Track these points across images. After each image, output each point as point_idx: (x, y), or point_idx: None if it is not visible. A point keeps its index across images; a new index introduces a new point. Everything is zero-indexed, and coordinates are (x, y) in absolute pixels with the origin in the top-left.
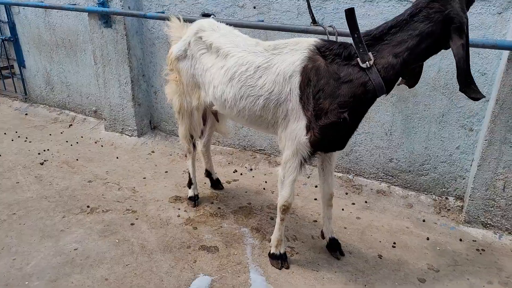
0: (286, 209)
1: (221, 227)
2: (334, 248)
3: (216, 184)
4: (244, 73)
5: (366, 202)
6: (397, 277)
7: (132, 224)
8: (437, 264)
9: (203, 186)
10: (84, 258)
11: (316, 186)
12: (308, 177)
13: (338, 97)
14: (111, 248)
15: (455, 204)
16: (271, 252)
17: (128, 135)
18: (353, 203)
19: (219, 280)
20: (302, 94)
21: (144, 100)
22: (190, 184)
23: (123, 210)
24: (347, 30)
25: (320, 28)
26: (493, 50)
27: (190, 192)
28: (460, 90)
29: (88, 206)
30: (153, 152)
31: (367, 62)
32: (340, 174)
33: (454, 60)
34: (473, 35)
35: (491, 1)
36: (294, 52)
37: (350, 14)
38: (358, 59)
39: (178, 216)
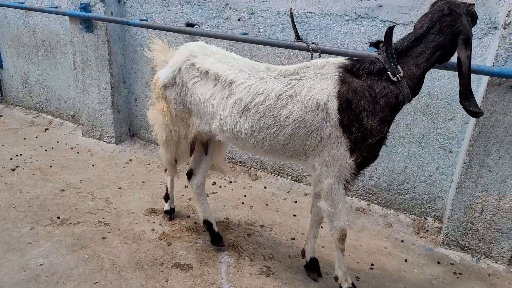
0: (345, 237)
1: (196, 243)
2: (313, 268)
3: (217, 239)
4: (262, 103)
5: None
6: None
7: (103, 238)
8: None
9: (180, 199)
10: (50, 275)
11: (295, 202)
12: (288, 192)
13: (378, 113)
14: (79, 264)
15: (434, 225)
16: (345, 287)
17: (105, 142)
18: None
19: None
20: (342, 118)
21: (124, 107)
22: (167, 198)
23: (95, 223)
24: (331, 47)
25: (304, 44)
26: (473, 74)
27: (166, 206)
28: (460, 103)
29: (58, 217)
30: (130, 160)
31: (397, 76)
32: None
33: (458, 71)
34: (454, 58)
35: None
36: (322, 76)
37: (389, 32)
38: (389, 73)
39: (153, 230)
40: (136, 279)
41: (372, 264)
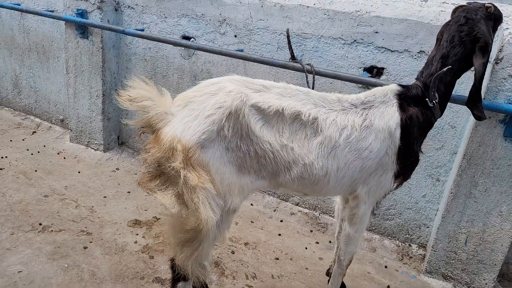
0: (351, 262)
1: None
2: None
3: None
4: (349, 137)
5: (330, 242)
6: None
7: (85, 247)
8: None
9: (165, 210)
10: (27, 283)
11: (281, 221)
12: (274, 211)
13: (420, 138)
14: (58, 273)
15: (418, 252)
16: None
17: (93, 148)
18: (317, 242)
19: None
20: (401, 145)
21: (114, 115)
22: None
23: (77, 231)
24: (325, 70)
25: (298, 65)
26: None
27: None
28: (466, 104)
29: (40, 224)
30: (117, 169)
31: (434, 101)
32: (307, 210)
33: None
34: None
35: None
36: (387, 104)
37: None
38: (427, 99)
39: (135, 242)
40: None
41: None
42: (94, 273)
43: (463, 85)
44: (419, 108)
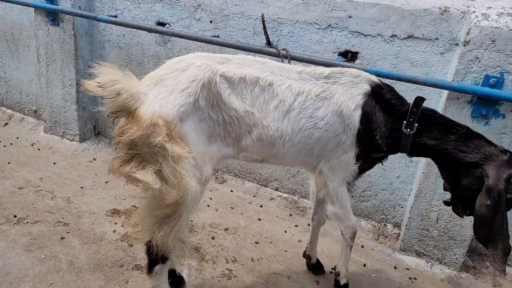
0: (355, 234)
1: None
2: (319, 267)
3: None
4: (304, 103)
5: (309, 225)
6: None
7: (62, 238)
8: None
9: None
10: (3, 275)
11: (261, 206)
12: (254, 196)
13: (386, 139)
14: (35, 264)
15: (393, 231)
16: (343, 283)
17: (69, 139)
18: (296, 225)
19: None
20: (360, 127)
21: (90, 104)
22: None
23: (54, 222)
24: (301, 55)
25: (274, 50)
26: (434, 88)
27: None
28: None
29: (15, 216)
30: (94, 159)
31: (408, 130)
32: (286, 195)
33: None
34: (417, 71)
35: (435, 42)
36: (354, 85)
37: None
38: (405, 122)
39: (114, 231)
40: (95, 281)
41: (333, 268)
42: (72, 263)
43: (433, 67)
44: (390, 113)
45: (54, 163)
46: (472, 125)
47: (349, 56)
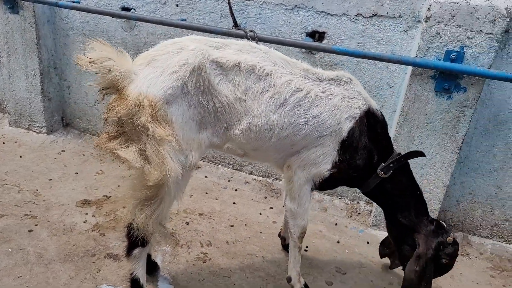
0: (304, 235)
1: None
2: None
3: None
4: (301, 100)
5: (283, 206)
6: (306, 281)
7: (30, 231)
8: (345, 267)
9: (116, 189)
10: None
11: (236, 190)
12: (229, 181)
13: (365, 161)
14: (2, 258)
15: (365, 208)
16: None
17: (35, 132)
18: (271, 207)
19: None
20: (346, 139)
21: (56, 95)
22: None
23: (21, 216)
24: (268, 36)
25: (242, 32)
26: (398, 64)
27: None
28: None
29: None
30: (63, 151)
31: (382, 173)
32: (260, 178)
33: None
34: (383, 49)
35: (399, 20)
36: (358, 98)
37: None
38: (383, 164)
39: (85, 221)
40: (65, 271)
41: (307, 247)
42: (41, 255)
43: (398, 45)
44: (370, 141)
45: (20, 156)
46: (436, 99)
47: (317, 36)
